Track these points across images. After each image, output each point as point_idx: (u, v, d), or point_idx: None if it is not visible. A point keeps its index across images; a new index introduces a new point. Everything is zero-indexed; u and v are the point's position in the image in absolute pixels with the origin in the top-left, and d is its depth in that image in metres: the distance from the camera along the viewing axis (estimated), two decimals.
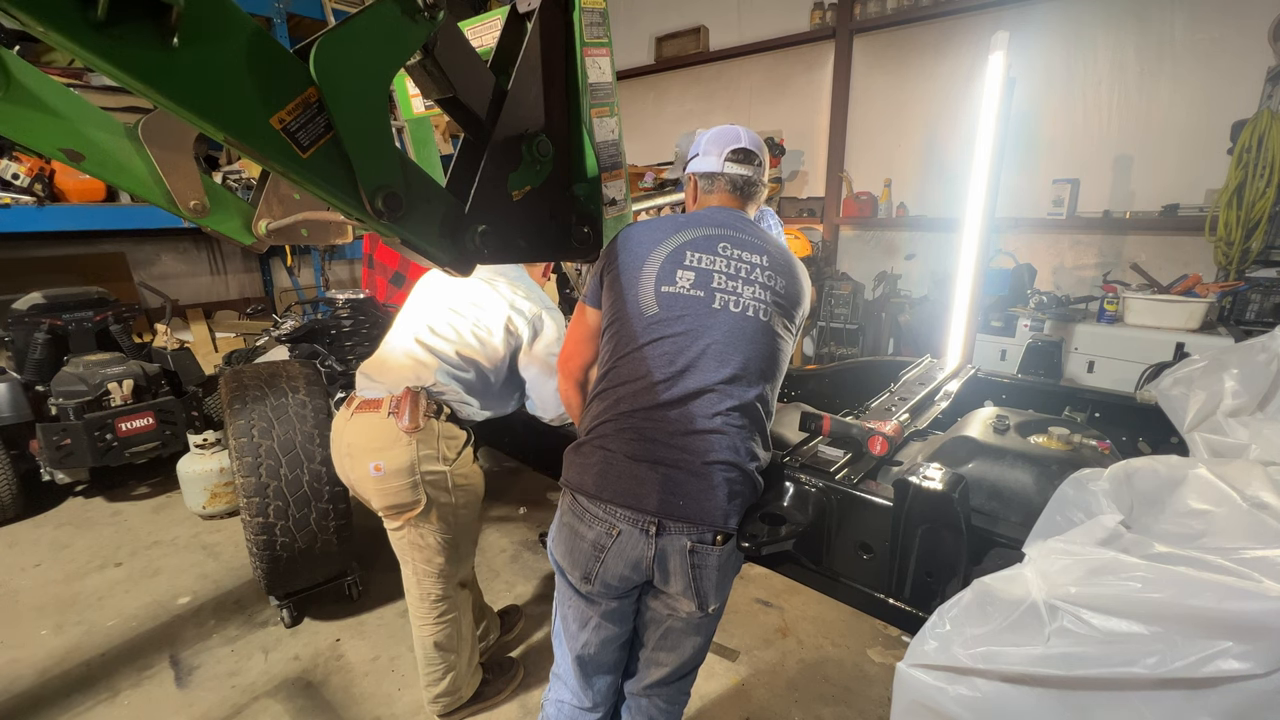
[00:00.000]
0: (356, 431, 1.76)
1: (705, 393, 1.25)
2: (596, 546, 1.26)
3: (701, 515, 1.22)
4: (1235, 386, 1.27)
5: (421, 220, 1.02)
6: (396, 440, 1.69)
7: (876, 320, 5.28)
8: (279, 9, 4.72)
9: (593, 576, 1.29)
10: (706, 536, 1.24)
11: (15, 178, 3.69)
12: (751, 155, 1.47)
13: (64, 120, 0.98)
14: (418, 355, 1.80)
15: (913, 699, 0.93)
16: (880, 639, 2.47)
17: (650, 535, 1.23)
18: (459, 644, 1.98)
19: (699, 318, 1.28)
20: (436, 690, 2.01)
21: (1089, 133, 4.39)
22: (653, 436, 1.24)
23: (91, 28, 0.64)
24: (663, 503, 1.21)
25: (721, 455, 1.25)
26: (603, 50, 1.25)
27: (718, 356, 1.27)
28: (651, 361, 1.27)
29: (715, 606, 1.34)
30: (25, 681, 2.29)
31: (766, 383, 1.33)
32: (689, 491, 1.22)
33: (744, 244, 1.36)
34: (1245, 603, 0.74)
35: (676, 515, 1.22)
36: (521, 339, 1.83)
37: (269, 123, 0.80)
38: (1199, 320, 3.52)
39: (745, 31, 5.89)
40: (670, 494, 1.22)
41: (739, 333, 1.29)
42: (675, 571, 1.26)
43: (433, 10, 0.89)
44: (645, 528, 1.22)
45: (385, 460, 1.69)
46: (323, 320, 3.43)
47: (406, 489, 1.71)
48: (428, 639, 1.94)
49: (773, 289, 1.34)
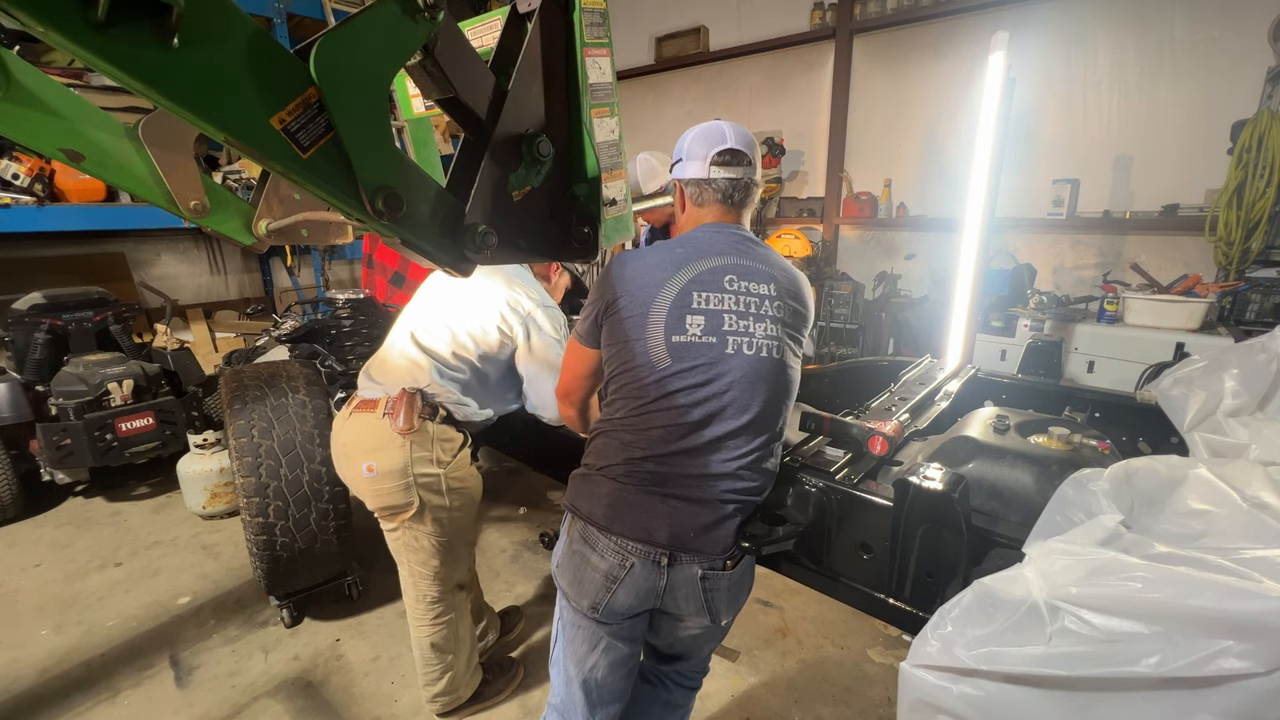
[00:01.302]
0: (352, 431, 1.76)
1: (725, 440, 1.24)
2: (609, 578, 1.25)
3: (713, 545, 1.23)
4: (1235, 386, 1.27)
5: (421, 220, 1.02)
6: (390, 441, 1.69)
7: (876, 320, 5.28)
8: (279, 9, 4.72)
9: (600, 606, 1.27)
10: (718, 563, 1.25)
11: (15, 178, 3.69)
12: (740, 155, 1.33)
13: (64, 120, 0.98)
14: (413, 356, 1.80)
15: (917, 697, 0.93)
16: (880, 639, 2.47)
17: (662, 567, 1.23)
18: (456, 645, 1.98)
19: (714, 366, 1.23)
20: (434, 690, 2.01)
21: (1089, 133, 4.39)
22: (667, 477, 1.23)
23: (91, 28, 0.64)
24: (674, 536, 1.21)
25: (735, 489, 1.25)
26: (603, 50, 1.25)
27: (737, 404, 1.23)
28: (667, 415, 1.23)
29: (728, 620, 1.35)
30: (25, 681, 2.29)
31: (783, 415, 1.32)
32: (701, 523, 1.22)
33: (750, 272, 1.29)
34: (1245, 602, 0.74)
35: (688, 547, 1.22)
36: (516, 338, 1.83)
37: (269, 123, 0.80)
38: (1199, 320, 3.52)
39: (745, 31, 5.89)
40: (681, 526, 1.21)
41: (755, 376, 1.24)
42: (688, 598, 1.26)
43: (433, 10, 0.89)
44: (658, 559, 1.22)
45: (378, 461, 1.69)
46: (323, 320, 3.43)
47: (399, 491, 1.71)
48: (424, 640, 1.94)
49: (783, 320, 1.28)
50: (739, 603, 1.34)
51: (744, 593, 1.34)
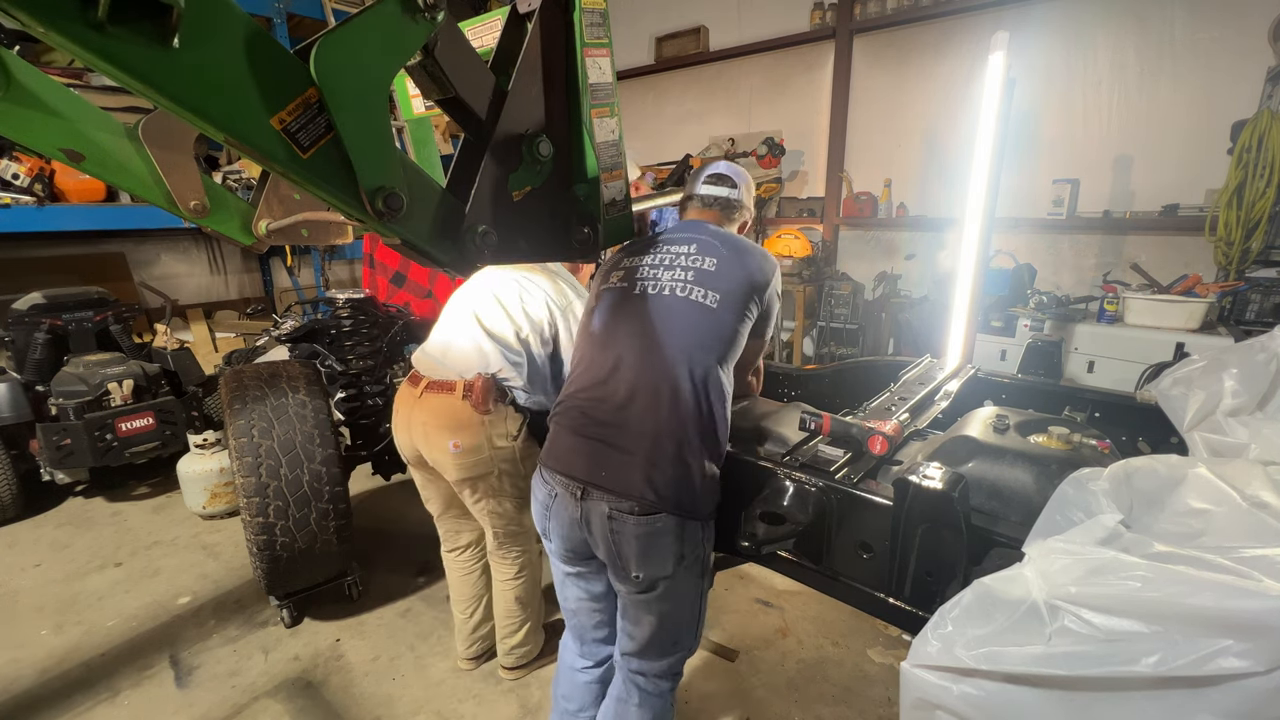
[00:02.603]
0: (431, 411, 1.91)
1: (635, 372, 1.38)
2: (544, 506, 1.48)
3: (618, 486, 1.34)
4: (1235, 386, 1.27)
5: (422, 221, 1.02)
6: (471, 420, 1.88)
7: (876, 320, 5.28)
8: (279, 9, 4.72)
9: (548, 533, 1.51)
10: (623, 505, 1.34)
11: (15, 178, 3.69)
12: (725, 178, 1.60)
13: (64, 120, 0.98)
14: (480, 342, 1.94)
15: (918, 697, 0.93)
16: (880, 639, 2.47)
17: (578, 499, 1.39)
18: (533, 600, 2.19)
19: (621, 306, 1.45)
20: (512, 642, 2.19)
21: (1089, 133, 4.40)
22: (590, 413, 1.41)
23: (91, 28, 0.64)
24: (588, 471, 1.38)
25: (646, 429, 1.35)
26: (603, 50, 1.25)
27: (640, 335, 1.40)
28: (589, 349, 1.47)
29: (639, 575, 1.39)
30: (25, 681, 2.30)
31: (698, 358, 1.39)
32: (611, 463, 1.36)
33: (677, 240, 1.49)
34: (1245, 601, 0.74)
35: (597, 483, 1.37)
36: (559, 329, 1.99)
37: (269, 123, 0.80)
38: (1199, 320, 3.52)
39: (745, 31, 5.89)
40: (595, 465, 1.38)
41: (659, 312, 1.40)
42: (598, 536, 1.40)
43: (433, 10, 0.89)
44: (574, 491, 1.40)
45: (462, 438, 1.87)
46: (323, 320, 3.43)
47: (483, 463, 1.91)
48: (509, 593, 2.13)
49: (696, 268, 1.43)
50: (655, 563, 1.37)
51: (659, 553, 1.36)
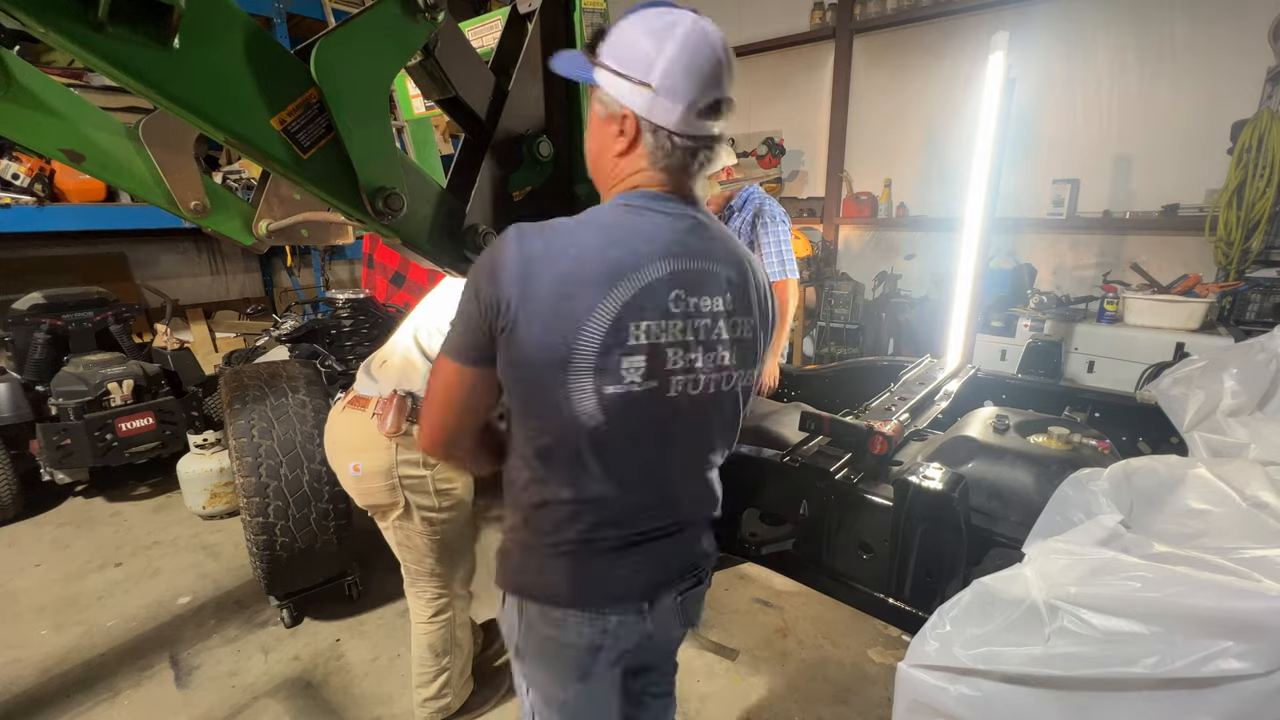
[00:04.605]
0: (341, 428, 1.76)
1: (673, 483, 1.12)
2: (593, 647, 1.11)
3: (683, 571, 1.17)
4: (1235, 386, 1.27)
5: (422, 221, 1.02)
6: (376, 442, 1.67)
7: (876, 320, 5.28)
8: (279, 9, 4.71)
9: (589, 675, 1.13)
10: (689, 581, 1.18)
11: (15, 178, 3.68)
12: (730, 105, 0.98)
13: (64, 120, 0.98)
14: (411, 357, 1.77)
15: (914, 698, 0.93)
16: (880, 639, 2.47)
17: (644, 613, 1.12)
18: (453, 649, 1.95)
19: (658, 423, 1.03)
20: (425, 694, 1.97)
21: (1089, 133, 4.39)
22: (625, 531, 1.09)
23: (91, 28, 0.64)
24: (648, 582, 1.12)
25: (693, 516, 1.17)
26: None
27: (683, 453, 1.11)
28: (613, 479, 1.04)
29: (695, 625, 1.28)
30: (25, 681, 2.29)
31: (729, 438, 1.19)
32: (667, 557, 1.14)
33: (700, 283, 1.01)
34: (1245, 602, 0.74)
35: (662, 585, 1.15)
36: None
37: (270, 123, 0.80)
38: (1199, 320, 3.52)
39: (745, 31, 5.89)
40: (652, 569, 1.13)
41: (704, 419, 1.09)
42: (668, 624, 1.19)
43: (433, 11, 0.89)
44: (639, 609, 1.12)
45: (364, 461, 1.68)
46: (323, 320, 3.44)
47: (384, 490, 1.70)
48: (422, 638, 1.91)
49: (736, 338, 1.06)
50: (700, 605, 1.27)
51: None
